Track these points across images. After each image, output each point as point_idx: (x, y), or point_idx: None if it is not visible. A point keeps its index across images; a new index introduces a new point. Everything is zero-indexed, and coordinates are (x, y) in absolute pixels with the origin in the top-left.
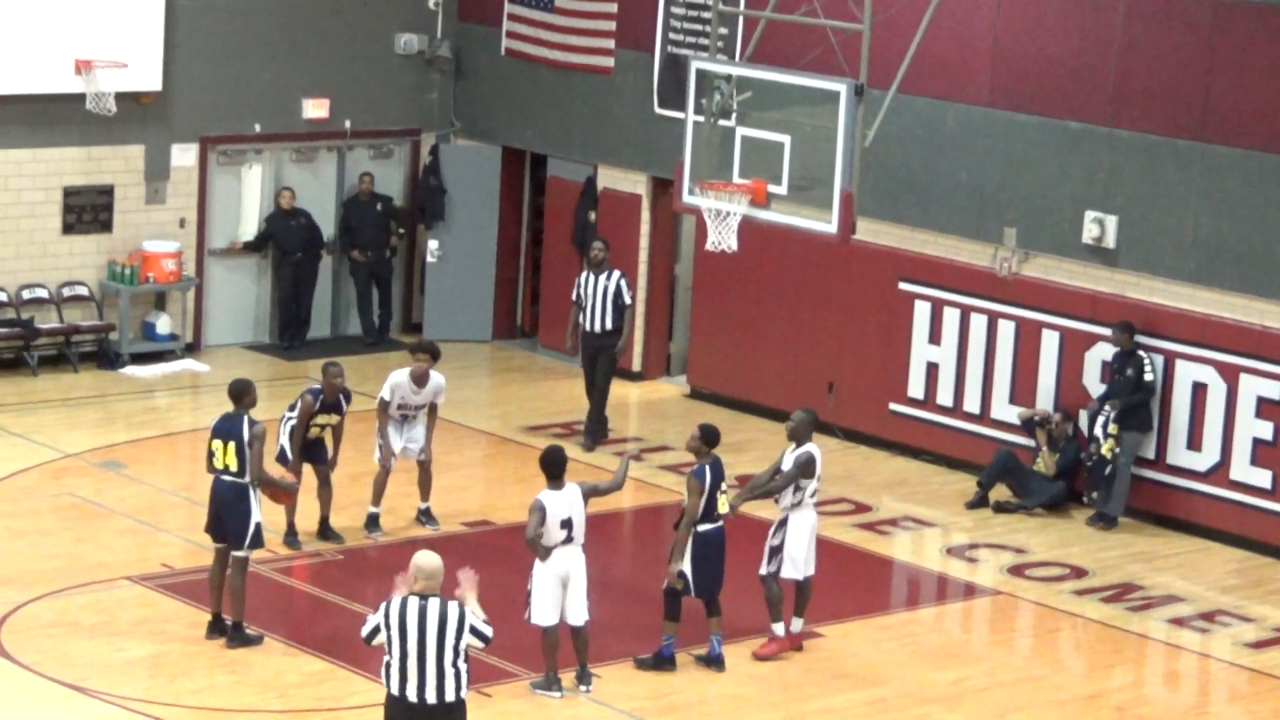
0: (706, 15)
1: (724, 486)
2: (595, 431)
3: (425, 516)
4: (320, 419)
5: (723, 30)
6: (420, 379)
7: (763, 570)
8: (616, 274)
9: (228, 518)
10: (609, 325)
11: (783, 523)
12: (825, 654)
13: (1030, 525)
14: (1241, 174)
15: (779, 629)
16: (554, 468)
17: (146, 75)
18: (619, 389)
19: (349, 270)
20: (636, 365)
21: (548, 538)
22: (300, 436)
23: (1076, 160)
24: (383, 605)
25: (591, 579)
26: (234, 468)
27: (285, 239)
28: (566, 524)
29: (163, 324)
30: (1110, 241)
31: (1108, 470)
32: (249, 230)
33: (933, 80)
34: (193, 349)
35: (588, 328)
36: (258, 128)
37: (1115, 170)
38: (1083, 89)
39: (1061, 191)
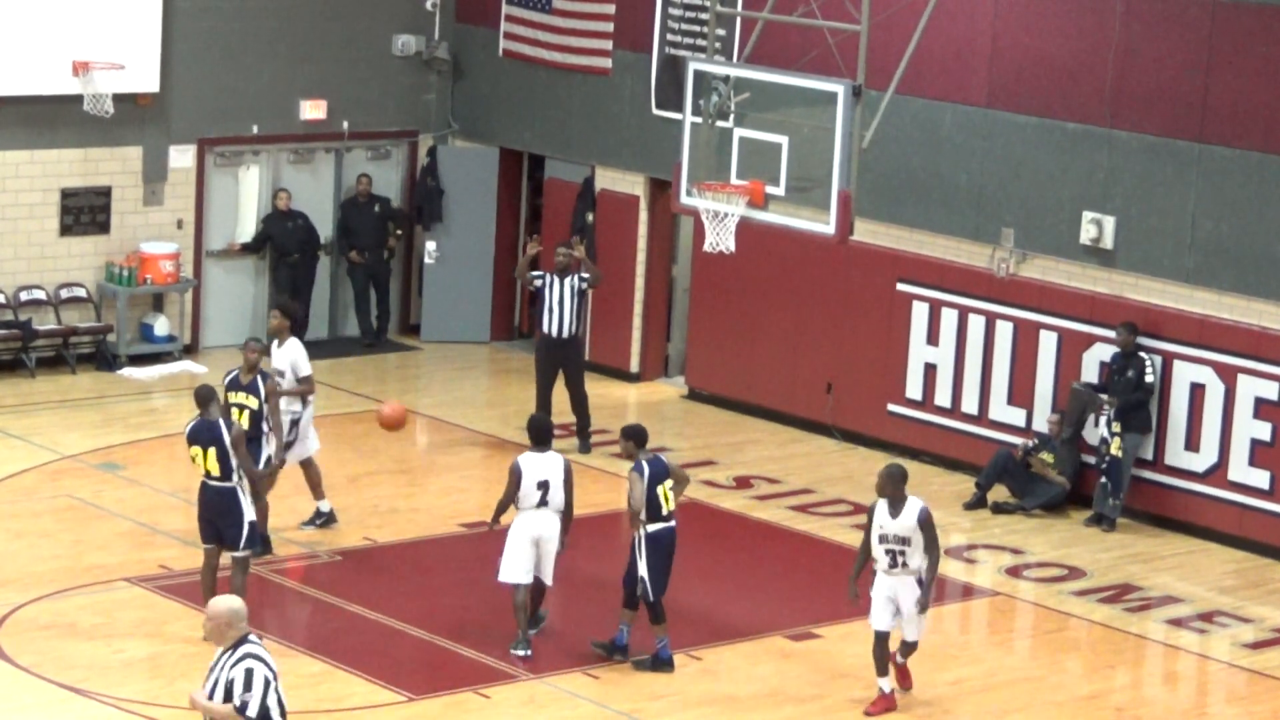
0: (704, 16)
1: (669, 484)
2: (585, 431)
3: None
4: (237, 397)
5: (720, 31)
6: (273, 333)
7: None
8: (578, 276)
9: (220, 522)
10: (574, 329)
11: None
12: (824, 654)
13: (1028, 526)
14: (1240, 174)
15: (884, 684)
16: (540, 432)
17: (144, 77)
18: (618, 389)
19: (347, 271)
20: (634, 366)
21: (523, 499)
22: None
23: (1074, 161)
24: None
25: (588, 578)
26: (216, 472)
27: (283, 240)
28: (543, 486)
29: (160, 325)
30: (1108, 242)
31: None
32: (247, 232)
33: (930, 81)
34: (191, 350)
35: (551, 332)
36: (255, 129)
37: (1113, 171)
38: (1081, 90)
39: (1059, 192)
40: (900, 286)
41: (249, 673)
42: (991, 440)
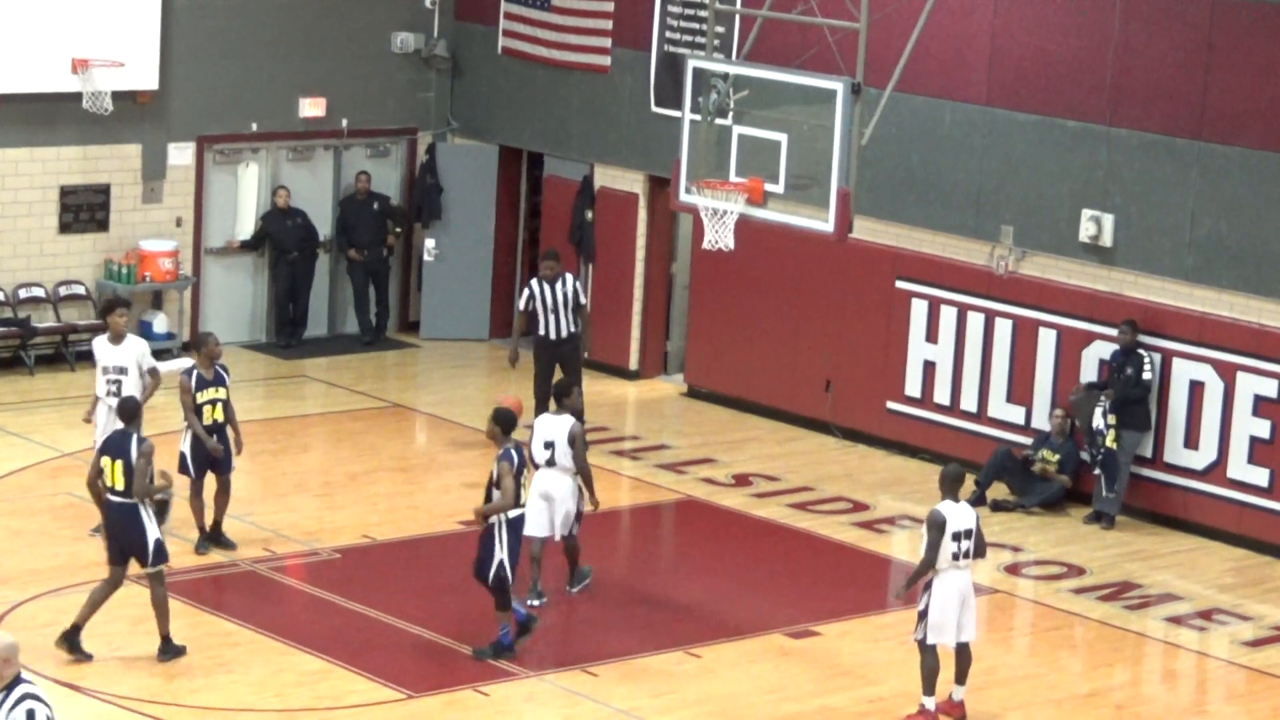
0: (703, 14)
1: (525, 472)
2: None
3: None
4: (207, 394)
5: (719, 29)
6: (119, 330)
7: (915, 635)
8: (570, 278)
9: (123, 540)
10: (572, 330)
11: (928, 586)
12: (823, 653)
13: (1028, 524)
14: (1239, 173)
15: (928, 703)
16: (559, 392)
17: (143, 74)
18: (617, 387)
19: (346, 269)
20: (633, 364)
21: (534, 458)
22: (196, 420)
23: (1074, 159)
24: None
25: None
26: (120, 486)
27: (282, 238)
28: (548, 445)
29: (159, 323)
30: (1107, 240)
31: (1107, 462)
32: (245, 229)
33: (930, 79)
34: (190, 348)
35: (550, 335)
36: (254, 127)
37: (1113, 169)
38: (1080, 87)
39: (1059, 190)
40: (899, 284)
41: (30, 714)
42: (991, 438)
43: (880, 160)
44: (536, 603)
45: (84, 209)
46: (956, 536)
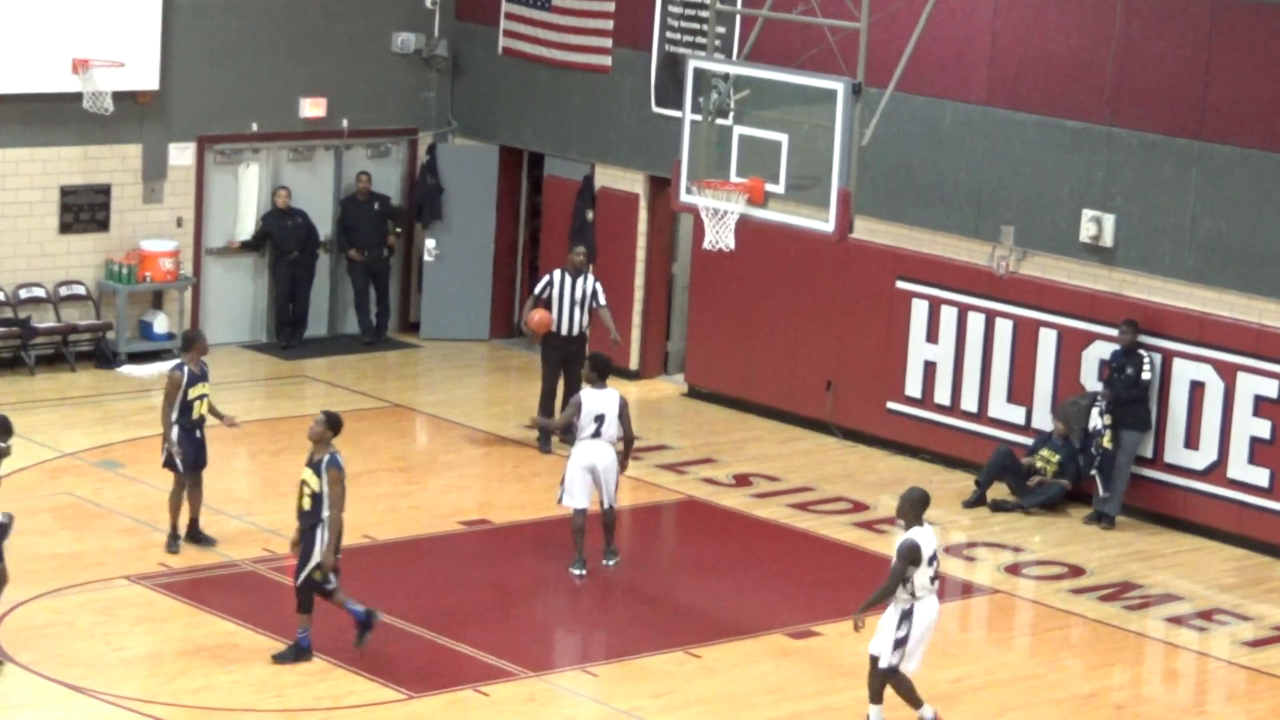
0: (704, 14)
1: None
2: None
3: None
4: (198, 389)
5: (720, 29)
6: None
7: (889, 662)
8: (592, 278)
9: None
10: (583, 328)
11: (907, 614)
12: (823, 653)
13: (1028, 524)
14: (1240, 172)
15: (926, 712)
16: (602, 367)
17: (144, 74)
18: (618, 387)
19: (346, 269)
20: (634, 364)
21: (580, 430)
22: (183, 415)
23: (1074, 159)
24: None
25: (588, 578)
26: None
27: (282, 238)
28: (599, 419)
29: (160, 323)
30: (1108, 240)
31: (1105, 462)
32: (246, 229)
33: (930, 79)
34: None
35: (561, 331)
36: (255, 127)
37: (1113, 169)
38: (1081, 87)
39: (1059, 190)
40: (900, 284)
41: None
42: (991, 438)
43: (881, 160)
44: (579, 573)
45: (84, 209)
46: (931, 561)
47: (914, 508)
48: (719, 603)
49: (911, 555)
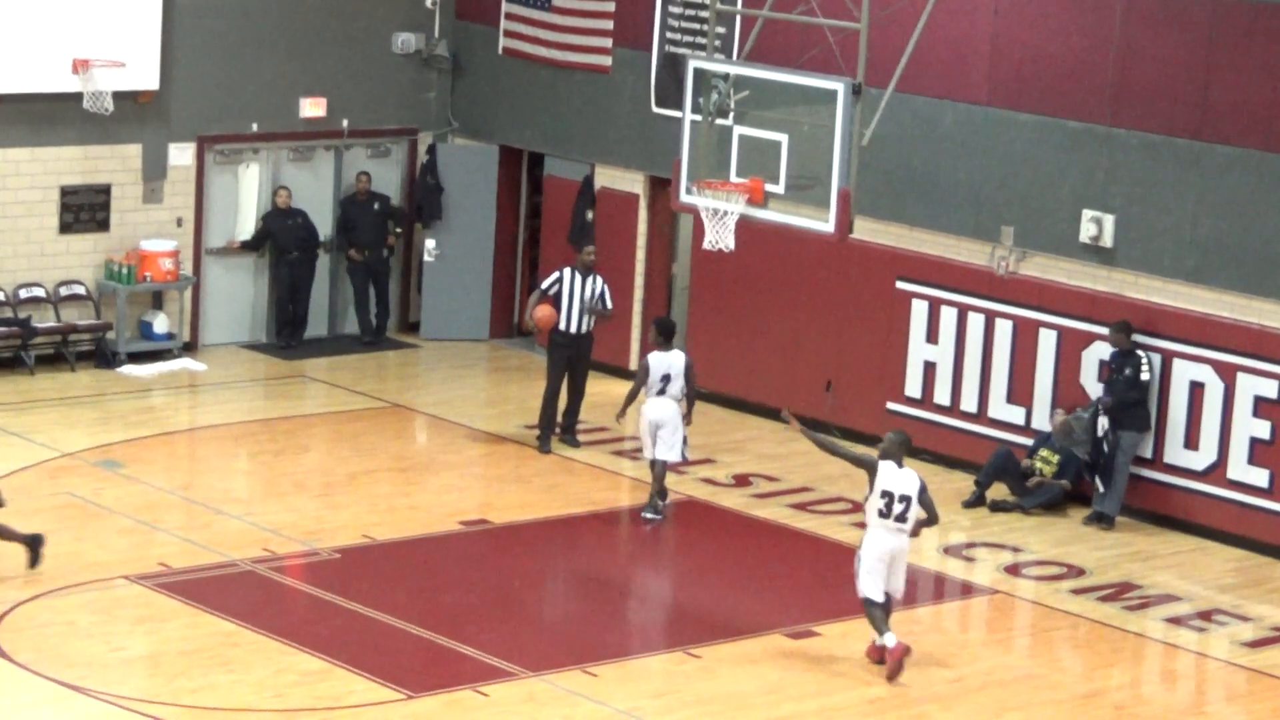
0: (704, 14)
1: None
2: (572, 428)
3: None
4: None
5: (720, 29)
6: None
7: (858, 590)
8: (600, 280)
9: None
10: (589, 326)
11: (862, 543)
12: (824, 652)
13: (1027, 524)
14: (1240, 173)
15: (882, 640)
16: (667, 330)
17: (144, 74)
18: (618, 387)
19: (346, 269)
20: (634, 364)
21: (648, 389)
22: None
23: (1074, 159)
24: None
25: (588, 578)
26: None
27: (282, 238)
28: (665, 379)
29: (160, 323)
30: (1108, 240)
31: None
32: (246, 229)
33: (931, 79)
34: (190, 348)
35: (569, 329)
36: (255, 127)
37: (1113, 169)
38: (1081, 88)
39: (1059, 190)
40: (900, 284)
41: None
42: (991, 439)
43: (881, 161)
44: (650, 515)
45: (85, 209)
46: (887, 495)
47: (892, 446)
48: (718, 603)
49: (869, 468)
